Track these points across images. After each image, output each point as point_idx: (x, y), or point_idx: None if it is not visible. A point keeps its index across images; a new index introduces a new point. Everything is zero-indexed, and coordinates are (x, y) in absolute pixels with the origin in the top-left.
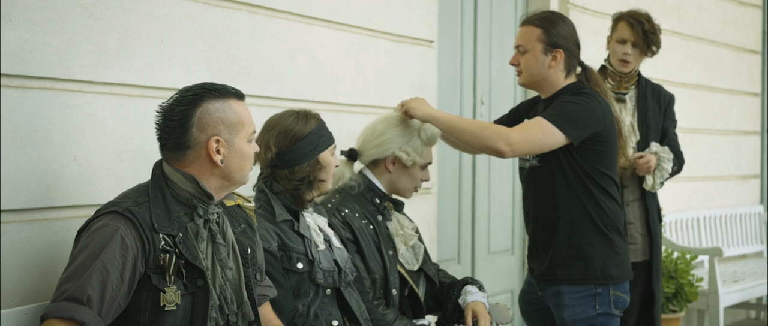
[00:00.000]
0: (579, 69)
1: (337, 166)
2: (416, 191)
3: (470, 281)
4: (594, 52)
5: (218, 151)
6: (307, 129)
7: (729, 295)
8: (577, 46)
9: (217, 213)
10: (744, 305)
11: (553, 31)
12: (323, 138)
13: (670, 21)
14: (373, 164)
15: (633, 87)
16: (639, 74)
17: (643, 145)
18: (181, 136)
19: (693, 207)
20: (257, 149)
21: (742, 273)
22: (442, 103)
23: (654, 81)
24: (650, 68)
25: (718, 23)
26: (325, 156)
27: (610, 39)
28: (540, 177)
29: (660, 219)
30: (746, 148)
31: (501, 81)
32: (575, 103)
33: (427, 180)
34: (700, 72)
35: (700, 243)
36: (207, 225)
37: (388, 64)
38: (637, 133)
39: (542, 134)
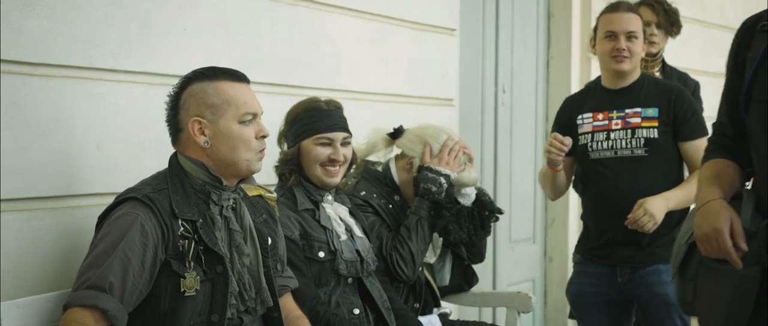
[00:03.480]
0: None
1: (332, 160)
2: None
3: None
4: None
5: (203, 133)
6: (292, 116)
7: None
8: None
9: (233, 200)
10: None
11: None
12: (307, 127)
13: (693, 9)
14: (401, 157)
15: (658, 73)
16: (663, 61)
17: None
18: (173, 118)
19: None
20: (263, 132)
21: None
22: (464, 91)
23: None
24: (672, 56)
25: (740, 11)
26: (305, 144)
27: None
28: (645, 166)
29: None
30: None
31: (523, 69)
32: (696, 106)
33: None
34: (722, 60)
35: None
36: (221, 212)
37: (410, 53)
38: None
39: None
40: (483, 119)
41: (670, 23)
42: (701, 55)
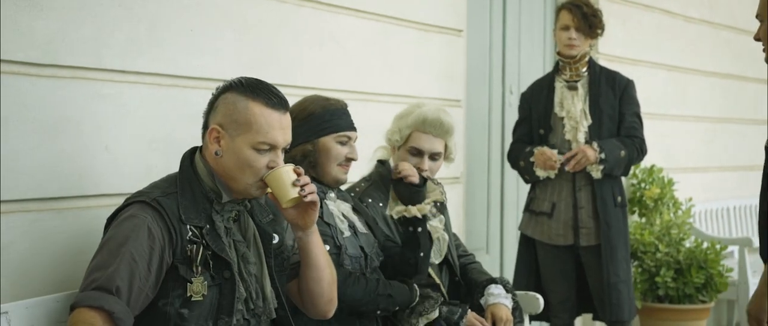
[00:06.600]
0: None
1: (348, 159)
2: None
3: (494, 281)
4: (620, 42)
5: (218, 142)
6: (306, 112)
7: None
8: None
9: (236, 212)
10: None
11: None
12: (327, 124)
13: (702, 10)
14: (392, 149)
15: (586, 74)
16: (591, 61)
17: (596, 129)
18: (206, 114)
19: (723, 197)
20: (275, 163)
21: None
22: (471, 92)
23: (684, 71)
24: (678, 58)
25: (750, 12)
26: (324, 141)
27: (554, 31)
28: None
29: (616, 204)
30: None
31: (530, 70)
32: None
33: (422, 169)
34: (731, 61)
35: (730, 233)
36: (222, 222)
37: (416, 53)
38: (589, 118)
39: None
40: (490, 120)
41: (589, 25)
42: (710, 57)
